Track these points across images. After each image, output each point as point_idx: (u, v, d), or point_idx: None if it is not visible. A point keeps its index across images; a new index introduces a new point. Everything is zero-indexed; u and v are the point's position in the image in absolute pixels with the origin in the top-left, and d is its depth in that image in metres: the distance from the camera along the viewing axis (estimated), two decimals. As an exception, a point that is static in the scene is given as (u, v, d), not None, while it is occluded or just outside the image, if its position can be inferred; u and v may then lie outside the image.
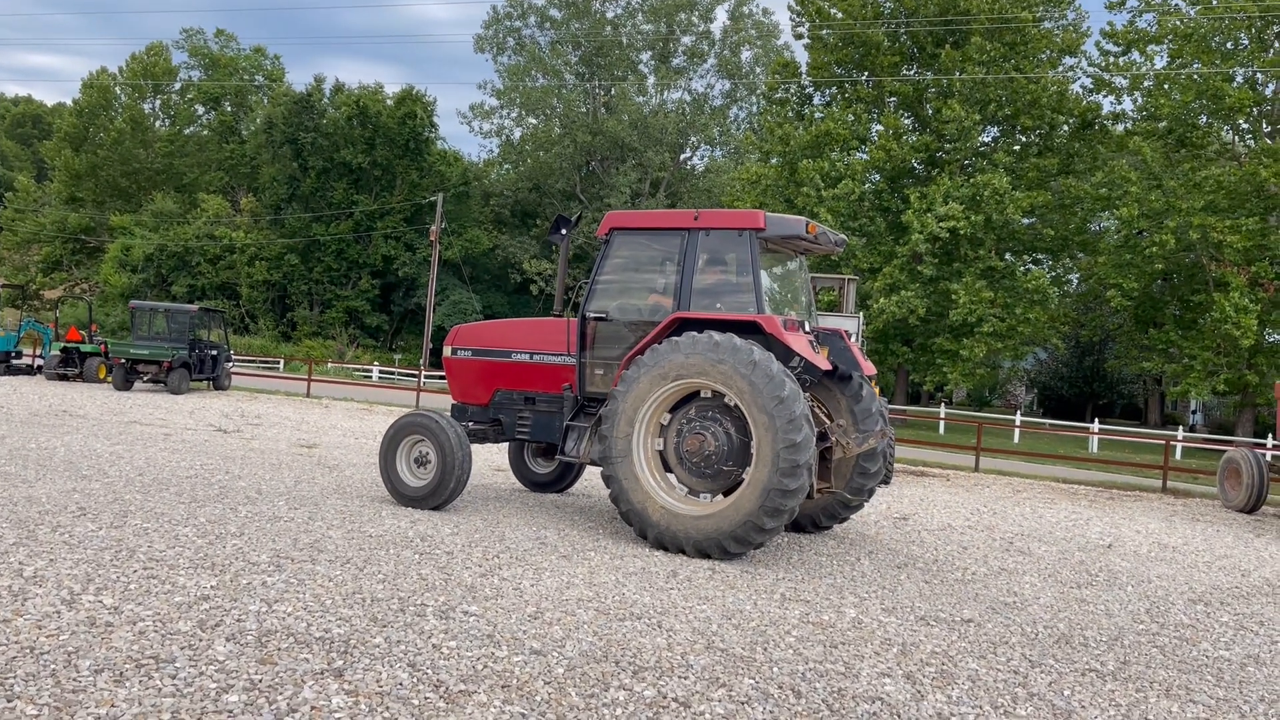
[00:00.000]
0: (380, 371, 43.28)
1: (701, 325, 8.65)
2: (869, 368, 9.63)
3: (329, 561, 7.09)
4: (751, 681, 5.28)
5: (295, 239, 53.58)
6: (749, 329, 8.55)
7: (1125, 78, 34.16)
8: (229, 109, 64.91)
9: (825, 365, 8.79)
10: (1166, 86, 32.44)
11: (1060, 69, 35.78)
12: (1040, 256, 38.23)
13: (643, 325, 9.23)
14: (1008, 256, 36.58)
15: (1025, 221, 35.62)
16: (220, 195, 58.94)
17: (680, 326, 8.79)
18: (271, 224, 54.56)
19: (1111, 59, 34.57)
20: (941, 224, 31.68)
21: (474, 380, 10.54)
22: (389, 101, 55.53)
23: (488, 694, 4.76)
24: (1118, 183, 31.85)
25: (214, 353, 25.93)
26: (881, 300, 32.65)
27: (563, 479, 11.80)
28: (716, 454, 8.42)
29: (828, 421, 9.44)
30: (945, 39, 35.04)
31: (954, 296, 32.34)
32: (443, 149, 59.14)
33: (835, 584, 7.93)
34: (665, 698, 4.92)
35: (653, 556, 8.34)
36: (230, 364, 27.59)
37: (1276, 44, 31.35)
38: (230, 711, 4.28)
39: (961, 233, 31.95)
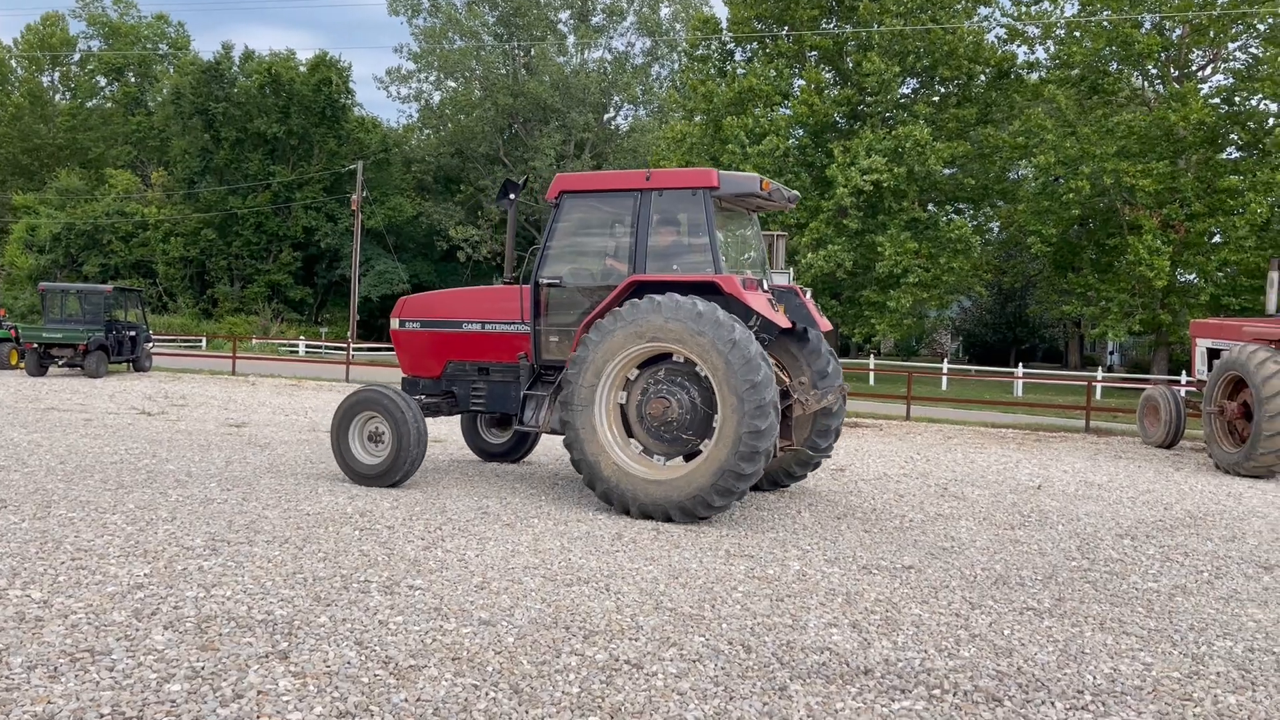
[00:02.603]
0: (307, 346, 42.43)
1: (659, 287, 8.53)
2: (825, 324, 9.61)
3: (267, 542, 6.94)
4: (702, 639, 5.31)
5: (211, 213, 51.95)
6: (707, 289, 8.45)
7: (1038, 27, 34.66)
8: (133, 80, 62.46)
9: (785, 323, 8.76)
10: (1078, 34, 32.99)
11: (975, 19, 36.19)
12: (962, 206, 38.87)
13: (598, 290, 9.08)
14: (930, 207, 37.13)
15: (946, 172, 36.15)
16: (129, 170, 56.85)
17: (637, 289, 8.64)
18: (185, 198, 52.79)
19: (1024, 8, 35.03)
20: (865, 177, 31.99)
21: (424, 352, 10.30)
22: (302, 68, 53.90)
23: (438, 667, 4.71)
24: (1034, 131, 32.43)
25: (132, 333, 25.12)
26: (809, 255, 32.93)
27: (517, 448, 11.64)
28: (679, 421, 8.35)
29: (787, 380, 9.43)
30: (863, -9, 35.14)
31: (880, 249, 32.75)
32: (360, 115, 57.74)
33: (778, 538, 8.01)
34: (617, 660, 4.93)
35: (597, 520, 8.34)
36: (150, 344, 26.78)
37: (1182, -11, 32.06)
38: (173, 701, 4.17)
39: (885, 185, 32.30)
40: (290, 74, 52.57)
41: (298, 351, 41.38)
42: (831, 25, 37.12)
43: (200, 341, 42.54)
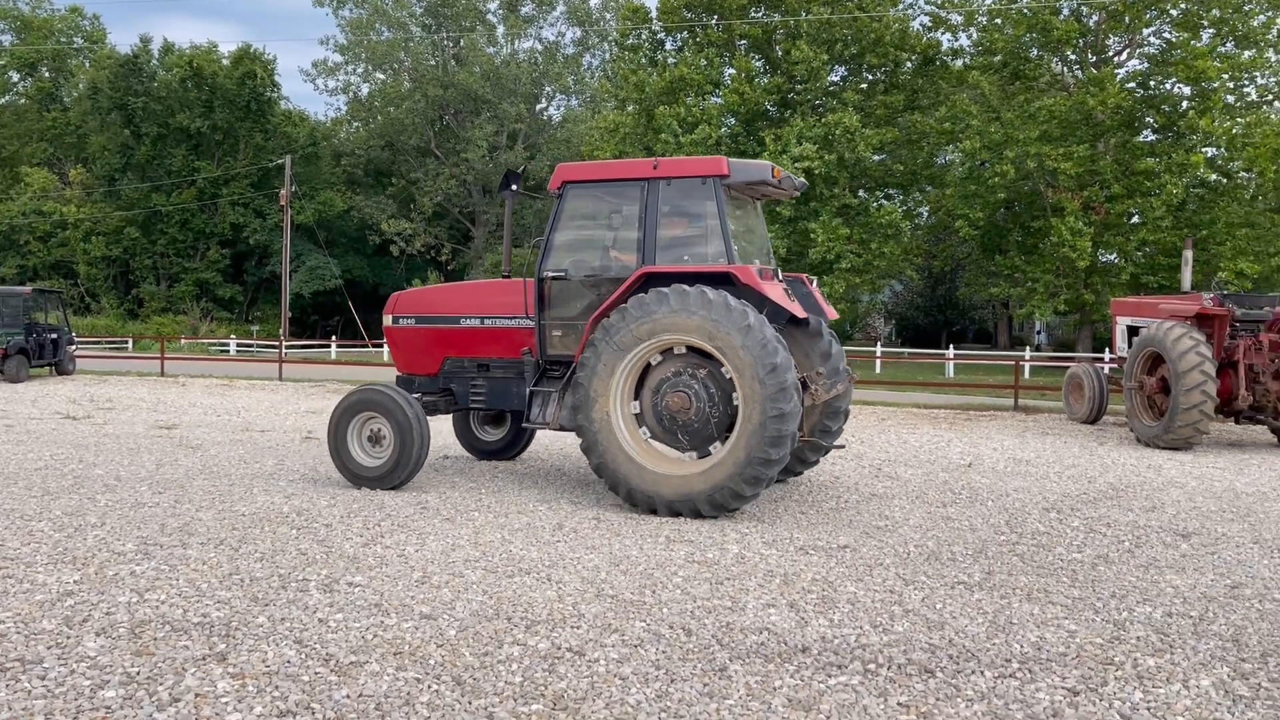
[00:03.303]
0: (238, 345, 41.62)
1: (671, 279, 8.29)
2: (831, 312, 9.52)
3: (201, 544, 6.84)
4: (643, 624, 5.38)
5: (134, 211, 50.57)
6: (722, 280, 8.27)
7: (960, 15, 35.29)
8: (47, 75, 60.43)
9: (801, 313, 8.67)
10: (999, 22, 33.68)
11: (900, 7, 36.70)
12: (892, 192, 39.44)
13: (605, 282, 8.82)
14: (861, 193, 37.62)
15: (876, 158, 36.64)
16: (45, 168, 55.01)
17: (647, 281, 8.40)
18: (106, 196, 51.31)
19: (947, -4, 35.66)
20: (797, 164, 32.29)
21: (420, 349, 10.00)
22: (225, 61, 52.70)
23: (380, 663, 4.71)
24: (960, 117, 33.03)
25: (54, 336, 24.39)
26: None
27: (513, 445, 11.38)
28: (697, 414, 8.16)
29: (801, 371, 9.24)
30: (791, -20, 35.42)
31: (812, 235, 33.11)
32: (287, 109, 56.62)
33: (717, 522, 8.11)
34: (560, 648, 4.97)
35: (537, 511, 8.36)
36: (73, 347, 26.05)
37: (1098, -23, 32.88)
38: (108, 707, 4.11)
39: (816, 172, 32.65)
40: (213, 67, 51.35)
41: (228, 350, 40.57)
42: (760, 14, 37.36)
43: (127, 343, 41.46)
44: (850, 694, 4.49)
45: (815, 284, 9.78)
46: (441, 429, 12.91)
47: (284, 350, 29.33)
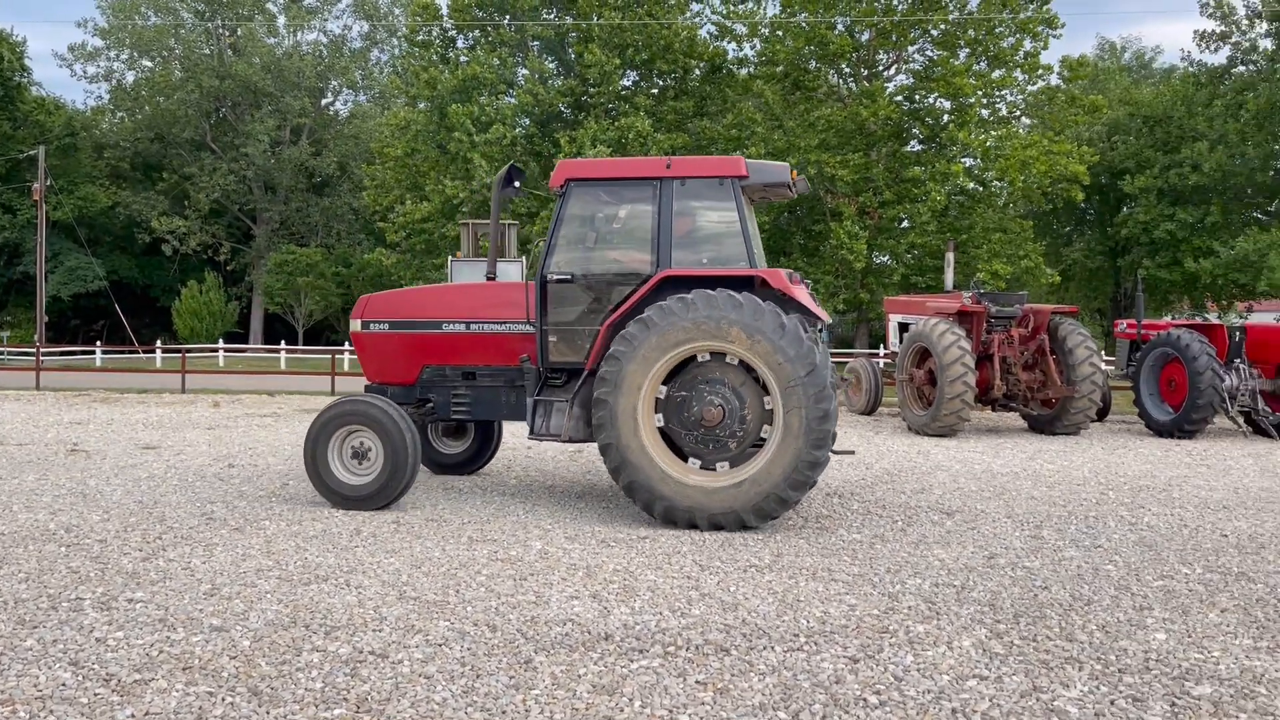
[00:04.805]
0: (-14, 352, 37.92)
1: (693, 283, 7.93)
2: (825, 317, 9.34)
3: (-46, 568, 6.25)
4: (447, 624, 5.37)
5: None
6: (747, 284, 7.98)
7: (744, 25, 36.77)
8: None
9: (826, 318, 8.54)
10: (780, 34, 35.35)
11: (688, 15, 37.84)
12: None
13: (617, 286, 8.36)
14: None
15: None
16: None
17: (665, 285, 7.99)
18: None
19: (731, 7, 37.04)
20: (591, 166, 32.70)
21: (394, 356, 9.20)
22: (-35, 41, 47.90)
23: (167, 678, 4.48)
24: (745, 124, 34.45)
25: None
26: (541, 243, 33.27)
27: (476, 459, 10.66)
28: (728, 424, 7.82)
29: None
30: (582, -17, 35.83)
31: (608, 236, 33.63)
32: (40, 96, 51.93)
33: (520, 520, 8.16)
34: (361, 652, 4.89)
35: (333, 518, 8.13)
36: None
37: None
38: None
39: (610, 174, 33.16)
40: (-49, 47, 46.55)
41: (-26, 359, 36.91)
42: (553, 16, 37.58)
43: None
44: (652, 676, 4.66)
45: (808, 288, 9.65)
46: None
47: (41, 357, 27.01)
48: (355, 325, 9.36)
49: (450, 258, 18.84)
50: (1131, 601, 5.96)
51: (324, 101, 54.43)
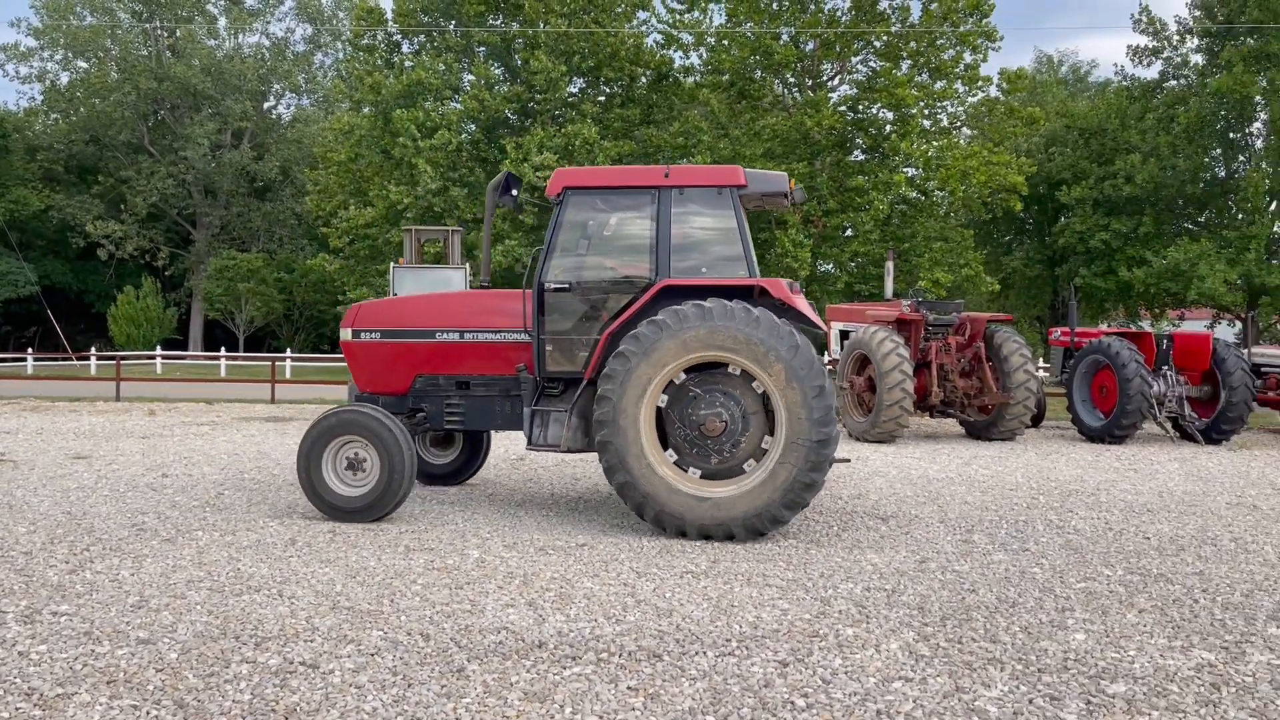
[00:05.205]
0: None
1: (693, 292, 7.98)
2: (823, 326, 9.39)
3: None
4: (380, 633, 5.35)
5: None
6: (744, 293, 8.00)
7: (691, 34, 36.99)
8: None
9: (824, 327, 8.57)
10: (726, 43, 35.62)
11: (635, 23, 37.98)
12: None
13: (615, 295, 8.37)
14: (600, 203, 38.49)
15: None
16: None
17: (664, 294, 8.03)
18: None
19: (677, 16, 37.25)
20: (538, 174, 32.66)
21: (386, 366, 9.08)
22: (-109, 38, 46.48)
23: (91, 692, 4.41)
24: (692, 132, 34.64)
25: None
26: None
27: (466, 468, 10.57)
28: (728, 436, 7.84)
29: None
30: (529, -10, 35.81)
31: (554, 243, 33.61)
32: (-30, 95, 50.58)
33: (458, 529, 8.14)
34: (292, 663, 4.86)
35: (267, 528, 8.04)
36: None
37: (812, 6, 35.49)
38: None
39: (557, 181, 33.15)
40: (-125, 44, 45.07)
41: (-101, 366, 35.78)
42: (499, 22, 37.49)
43: None
44: (584, 683, 4.69)
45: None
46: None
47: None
48: (346, 334, 9.25)
49: (393, 264, 18.67)
50: (1055, 603, 6.12)
51: (266, 105, 53.67)
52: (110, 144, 49.24)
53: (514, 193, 8.95)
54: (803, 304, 8.25)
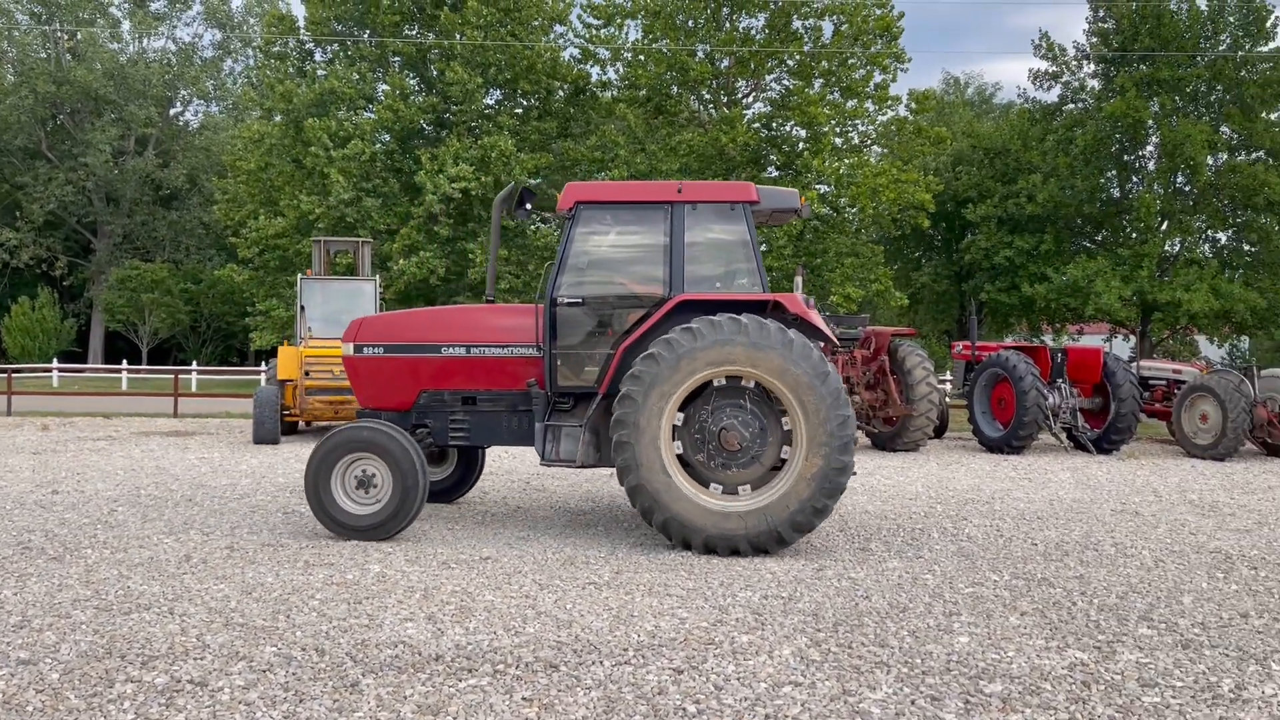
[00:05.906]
0: None
1: (709, 306, 7.95)
2: (835, 340, 9.28)
3: None
4: (274, 649, 5.28)
5: None
6: (758, 308, 8.00)
7: (607, 50, 37.22)
8: None
9: (836, 341, 8.50)
10: (643, 58, 35.93)
11: (551, 37, 38.06)
12: (548, 215, 40.64)
13: (629, 309, 8.35)
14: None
15: (532, 182, 37.66)
16: None
17: (680, 309, 8.01)
18: None
19: (594, 31, 37.46)
20: (454, 185, 32.46)
21: (390, 381, 8.90)
22: None
23: (-37, 717, 4.27)
24: (609, 146, 34.83)
25: None
26: (401, 262, 32.77)
27: (459, 486, 10.35)
28: (746, 448, 7.83)
29: None
30: (444, 1, 35.62)
31: (471, 256, 33.40)
32: None
33: (360, 544, 8.05)
34: (179, 681, 4.77)
35: (161, 545, 7.85)
36: None
37: (727, 24, 36.04)
38: None
39: (473, 193, 33.01)
40: None
41: None
42: (414, 32, 37.20)
43: None
44: (479, 694, 4.71)
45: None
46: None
47: None
48: (348, 349, 9.08)
49: (300, 275, 18.36)
50: (943, 608, 6.33)
51: (173, 111, 52.25)
52: (5, 149, 47.33)
53: (527, 206, 9.00)
54: (816, 318, 8.29)
